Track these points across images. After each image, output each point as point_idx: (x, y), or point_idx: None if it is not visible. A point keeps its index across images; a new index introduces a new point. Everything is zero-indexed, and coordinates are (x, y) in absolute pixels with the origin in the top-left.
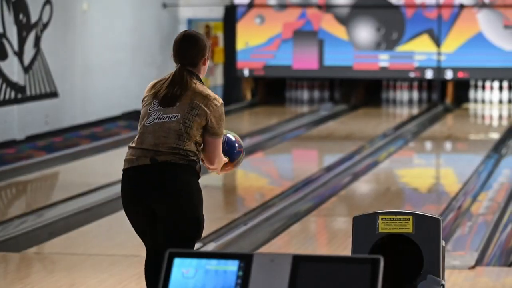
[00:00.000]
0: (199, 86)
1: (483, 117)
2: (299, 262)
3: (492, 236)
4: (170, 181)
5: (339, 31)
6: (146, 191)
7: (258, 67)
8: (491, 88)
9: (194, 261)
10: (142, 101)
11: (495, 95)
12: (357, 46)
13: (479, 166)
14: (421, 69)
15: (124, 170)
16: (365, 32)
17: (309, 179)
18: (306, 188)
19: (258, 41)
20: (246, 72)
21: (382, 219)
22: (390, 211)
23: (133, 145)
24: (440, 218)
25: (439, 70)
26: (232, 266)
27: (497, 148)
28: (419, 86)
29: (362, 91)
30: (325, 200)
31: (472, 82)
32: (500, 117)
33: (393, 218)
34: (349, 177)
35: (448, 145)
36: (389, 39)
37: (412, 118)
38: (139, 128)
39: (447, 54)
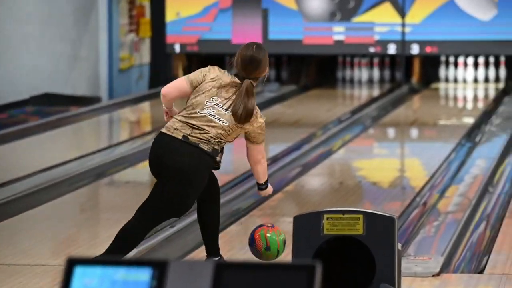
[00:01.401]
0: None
1: (455, 98)
2: (223, 271)
3: (462, 237)
4: (185, 158)
5: None
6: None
7: (191, 42)
8: (465, 65)
9: (98, 270)
10: (200, 84)
11: (469, 73)
12: (307, 17)
13: (449, 155)
14: (383, 43)
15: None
16: (317, 1)
17: (250, 172)
18: (247, 183)
19: (191, 11)
20: (177, 48)
21: (327, 218)
22: (337, 209)
23: (179, 118)
24: (394, 217)
25: (403, 44)
26: (144, 275)
27: (471, 135)
28: (381, 63)
29: (314, 70)
30: (269, 197)
31: (442, 58)
32: (475, 98)
33: (341, 218)
34: (297, 170)
35: (414, 132)
36: (345, 8)
37: (372, 101)
38: (190, 111)
39: (413, 25)
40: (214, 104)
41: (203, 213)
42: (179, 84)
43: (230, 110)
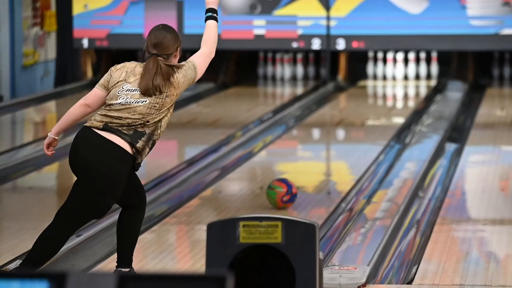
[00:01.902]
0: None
1: (384, 97)
2: (126, 283)
3: (389, 245)
4: (100, 156)
5: None
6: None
7: (100, 36)
8: (394, 61)
9: None
10: (109, 82)
11: (398, 69)
12: (225, 10)
13: (377, 158)
14: (307, 38)
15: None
16: None
17: (164, 176)
18: (161, 188)
19: (100, 3)
20: (85, 43)
21: (244, 226)
22: (253, 216)
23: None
24: (316, 224)
25: (328, 39)
26: None
27: (400, 136)
28: (304, 60)
29: (233, 66)
30: (185, 202)
31: (370, 54)
32: (405, 97)
33: (258, 225)
34: (214, 174)
35: (340, 133)
36: (265, 0)
37: (295, 99)
38: (106, 107)
39: (339, 18)
40: (126, 91)
41: (124, 219)
42: (94, 92)
43: (139, 88)
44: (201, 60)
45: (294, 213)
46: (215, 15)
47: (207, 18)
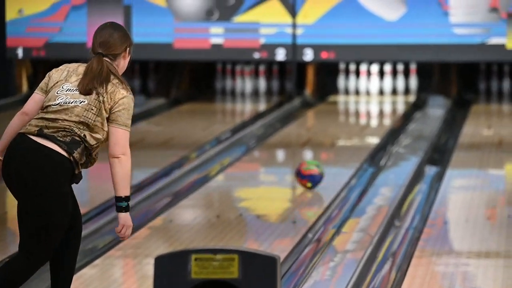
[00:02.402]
0: None
1: (357, 114)
2: None
3: (362, 280)
4: (34, 166)
5: None
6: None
7: (37, 45)
8: (368, 73)
9: None
10: (49, 84)
11: (373, 83)
12: (178, 16)
13: (348, 182)
14: (270, 48)
15: None
16: None
17: (109, 203)
18: (105, 216)
19: (37, 8)
20: (20, 52)
21: (196, 259)
22: (207, 248)
23: None
24: (276, 257)
25: (294, 48)
26: None
27: (375, 158)
28: (268, 72)
29: (187, 80)
30: (132, 233)
31: (341, 66)
32: (381, 114)
33: (212, 259)
34: (166, 200)
35: (307, 154)
36: (224, 5)
37: (257, 117)
38: (43, 109)
39: (306, 26)
40: (66, 91)
41: (57, 250)
42: (33, 98)
43: (79, 88)
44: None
45: (255, 245)
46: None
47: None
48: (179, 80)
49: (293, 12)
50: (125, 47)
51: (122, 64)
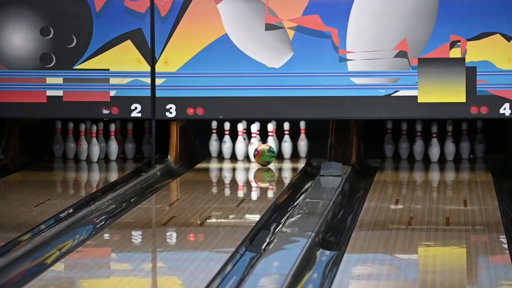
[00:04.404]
0: None
1: (233, 185)
2: None
3: None
4: None
5: None
6: None
7: None
8: (247, 134)
9: None
10: None
11: (253, 146)
12: (4, 62)
13: (221, 271)
14: (122, 102)
15: None
16: (19, 38)
17: None
18: None
19: None
20: None
21: None
22: None
23: None
24: None
25: (153, 103)
26: None
27: (254, 240)
28: (121, 132)
29: (17, 143)
30: None
31: (213, 124)
32: (262, 184)
33: None
34: None
35: (170, 236)
36: (63, 49)
37: (107, 189)
38: None
39: (168, 74)
40: None
41: None
42: None
43: None
44: None
45: None
46: None
47: None
48: (6, 144)
49: (151, 57)
50: None
51: None
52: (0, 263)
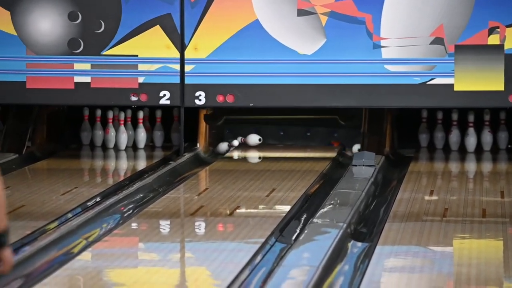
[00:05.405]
0: None
1: (262, 174)
2: None
3: None
4: None
5: None
6: None
7: None
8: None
9: None
10: None
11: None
12: (32, 47)
13: (250, 262)
14: (151, 89)
15: None
16: (47, 23)
17: None
18: None
19: None
20: None
21: None
22: None
23: None
24: None
25: (182, 90)
26: None
27: (284, 231)
28: (149, 120)
29: (44, 130)
30: None
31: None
32: (293, 174)
33: None
34: (15, 284)
35: (198, 226)
36: (91, 34)
37: (135, 177)
38: None
39: (197, 61)
40: None
41: None
42: None
43: None
44: None
45: None
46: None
47: None
48: (33, 131)
49: (181, 43)
50: None
51: None
52: (27, 251)
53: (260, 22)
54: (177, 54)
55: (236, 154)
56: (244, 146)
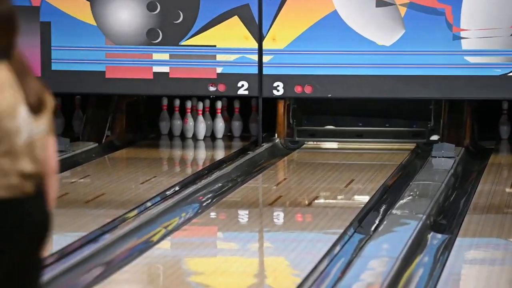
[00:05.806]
0: None
1: (341, 165)
2: None
3: None
4: None
5: None
6: None
7: None
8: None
9: None
10: None
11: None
12: (111, 37)
13: (329, 252)
14: (229, 80)
15: None
16: (126, 13)
17: None
18: None
19: None
20: None
21: None
22: None
23: None
24: None
25: (260, 81)
26: None
27: (363, 221)
28: (227, 110)
29: (123, 119)
30: None
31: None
32: (371, 165)
33: None
34: (94, 272)
35: (277, 216)
36: (170, 24)
37: (213, 167)
38: None
39: (276, 51)
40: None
41: None
42: None
43: None
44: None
45: None
46: None
47: None
48: (112, 120)
49: (259, 33)
50: None
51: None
52: (107, 239)
53: (338, 12)
54: (255, 45)
55: (314, 145)
56: (321, 137)
